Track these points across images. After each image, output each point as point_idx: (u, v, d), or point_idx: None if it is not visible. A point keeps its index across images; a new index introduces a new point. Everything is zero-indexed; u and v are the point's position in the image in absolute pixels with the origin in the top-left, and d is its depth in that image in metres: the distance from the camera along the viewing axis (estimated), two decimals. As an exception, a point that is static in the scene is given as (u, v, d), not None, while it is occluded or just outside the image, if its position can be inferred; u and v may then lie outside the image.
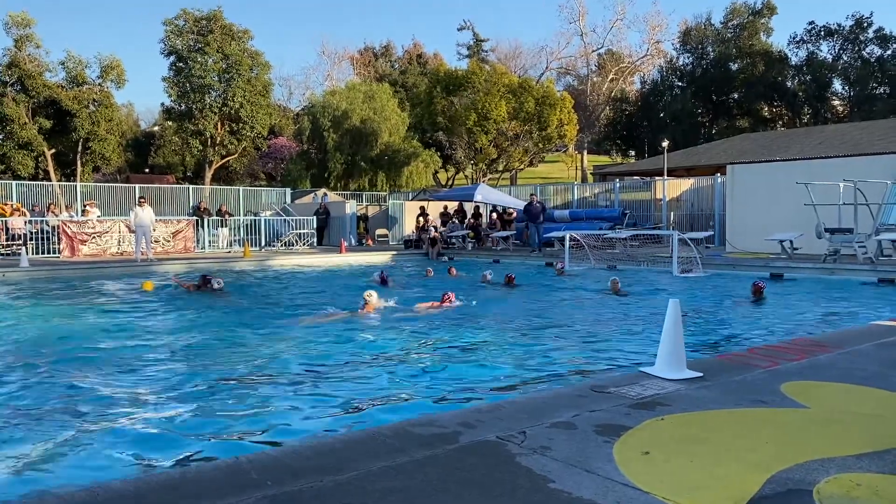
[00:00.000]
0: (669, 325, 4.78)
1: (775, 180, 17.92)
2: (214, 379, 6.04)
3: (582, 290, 13.16)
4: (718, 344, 7.67)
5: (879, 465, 3.07)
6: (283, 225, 25.03)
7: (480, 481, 2.86)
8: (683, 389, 4.37)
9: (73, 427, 4.66)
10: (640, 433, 3.52)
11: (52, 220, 20.18)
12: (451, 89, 40.70)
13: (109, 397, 5.41)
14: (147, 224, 18.57)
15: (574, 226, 21.52)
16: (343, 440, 3.49)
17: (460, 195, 27.41)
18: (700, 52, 58.28)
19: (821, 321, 9.08)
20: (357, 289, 11.84)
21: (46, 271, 15.77)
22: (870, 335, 6.39)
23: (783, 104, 56.06)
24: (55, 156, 35.48)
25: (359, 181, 41.59)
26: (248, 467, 3.02)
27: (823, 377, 4.74)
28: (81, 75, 35.05)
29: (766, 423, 3.72)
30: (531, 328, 8.78)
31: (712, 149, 37.05)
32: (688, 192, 25.41)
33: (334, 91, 44.33)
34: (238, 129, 38.04)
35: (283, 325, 9.02)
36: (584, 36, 63.87)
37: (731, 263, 15.74)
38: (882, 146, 25.53)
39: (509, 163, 43.54)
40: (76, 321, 9.57)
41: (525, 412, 3.89)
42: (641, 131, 58.20)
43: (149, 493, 2.76)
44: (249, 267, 18.37)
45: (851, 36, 52.40)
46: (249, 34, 38.27)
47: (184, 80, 36.62)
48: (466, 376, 6.12)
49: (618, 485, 2.84)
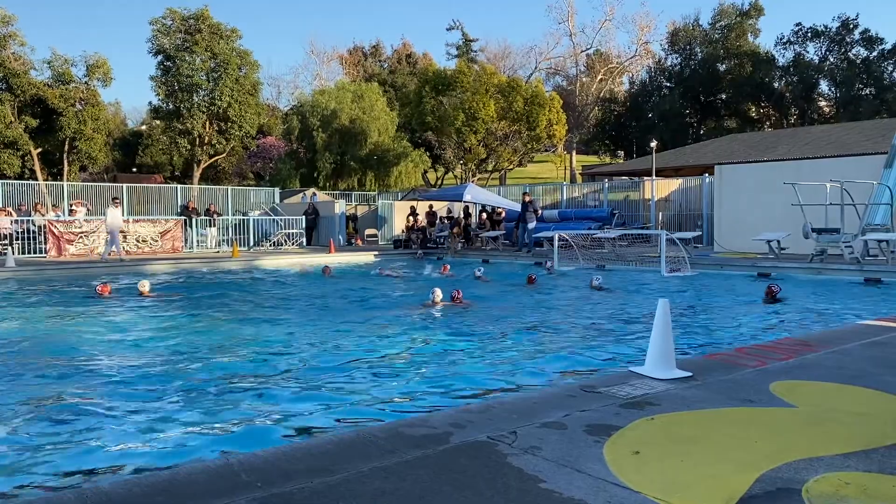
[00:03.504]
0: (659, 324, 4.79)
1: (763, 181, 18.03)
2: (202, 380, 6.01)
3: (569, 288, 13.20)
4: (707, 343, 7.70)
5: (867, 464, 3.09)
6: (271, 225, 24.95)
7: (472, 482, 2.86)
8: (673, 389, 4.39)
9: (61, 429, 4.63)
10: (630, 433, 3.53)
11: (38, 220, 20.03)
12: (440, 89, 40.71)
13: (96, 398, 5.38)
14: (118, 224, 18.63)
15: (563, 226, 21.57)
16: (334, 441, 3.48)
17: (449, 195, 27.42)
18: (688, 53, 58.56)
19: (808, 321, 9.14)
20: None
21: (32, 271, 15.65)
22: (856, 334, 6.43)
23: (770, 105, 56.43)
24: (41, 155, 35.18)
25: (348, 181, 41.54)
26: (237, 469, 3.01)
27: (811, 376, 4.78)
28: (68, 74, 34.77)
29: (754, 423, 3.74)
30: (520, 327, 8.79)
31: (700, 149, 37.22)
32: (676, 192, 25.53)
33: (323, 90, 44.24)
34: (226, 128, 37.86)
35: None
36: (573, 36, 64.17)
37: (718, 263, 15.83)
38: (868, 147, 25.73)
39: (498, 163, 43.59)
40: (61, 322, 9.50)
41: (516, 412, 3.89)
42: (630, 131, 58.41)
43: (138, 496, 2.74)
44: (237, 267, 18.31)
45: (838, 37, 52.81)
46: (238, 33, 38.11)
47: (171, 79, 36.41)
48: (456, 376, 6.12)
49: (608, 484, 2.84)
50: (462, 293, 10.60)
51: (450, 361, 6.79)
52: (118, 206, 19.09)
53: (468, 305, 10.38)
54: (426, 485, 2.83)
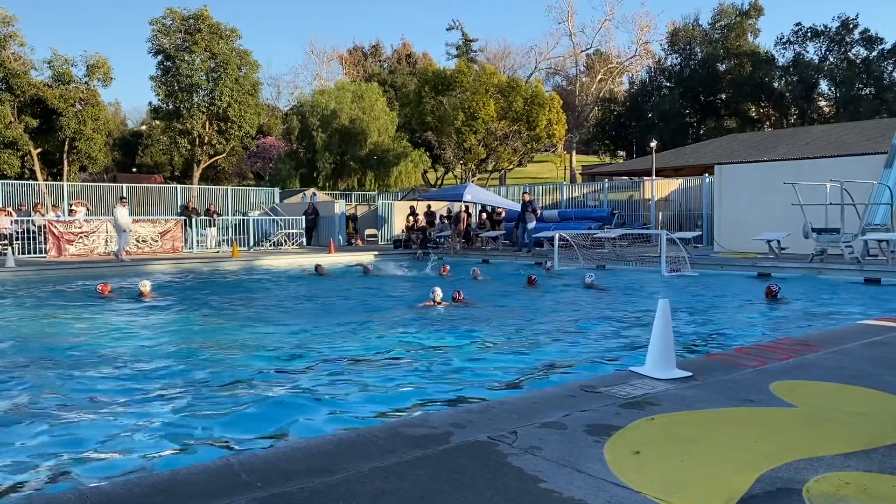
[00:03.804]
0: (659, 324, 4.79)
1: (763, 180, 18.03)
2: (202, 380, 6.01)
3: (568, 288, 13.20)
4: (707, 343, 7.70)
5: (867, 464, 3.09)
6: (271, 225, 24.94)
7: (472, 482, 2.86)
8: (673, 389, 4.39)
9: (59, 429, 4.62)
10: (630, 433, 3.53)
11: (38, 220, 20.03)
12: (439, 89, 40.71)
13: (96, 398, 5.37)
14: (126, 224, 18.63)
15: (563, 226, 21.56)
16: (334, 441, 3.48)
17: (449, 195, 27.41)
18: (688, 53, 58.58)
19: (808, 320, 9.14)
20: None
21: (33, 271, 15.65)
22: (856, 334, 6.43)
23: (770, 104, 56.45)
24: (41, 155, 35.17)
25: (348, 181, 41.52)
26: (238, 469, 3.01)
27: (811, 376, 4.78)
28: (68, 74, 34.73)
29: (755, 423, 3.74)
30: (519, 328, 8.79)
31: (700, 149, 37.22)
32: (676, 192, 25.53)
33: (323, 90, 44.22)
34: (226, 128, 37.85)
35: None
36: (573, 36, 64.13)
37: (719, 263, 15.82)
38: (868, 146, 25.73)
39: (498, 163, 43.57)
40: (62, 322, 9.50)
41: (516, 412, 3.89)
42: (630, 131, 58.42)
43: (138, 496, 2.74)
44: (237, 267, 18.30)
45: (837, 37, 52.82)
46: (237, 33, 38.10)
47: (171, 79, 36.40)
48: (456, 376, 6.12)
49: (608, 484, 2.84)
50: (463, 293, 10.60)
51: (450, 361, 6.78)
52: (125, 206, 19.13)
53: (468, 305, 10.38)
54: (426, 485, 2.83)
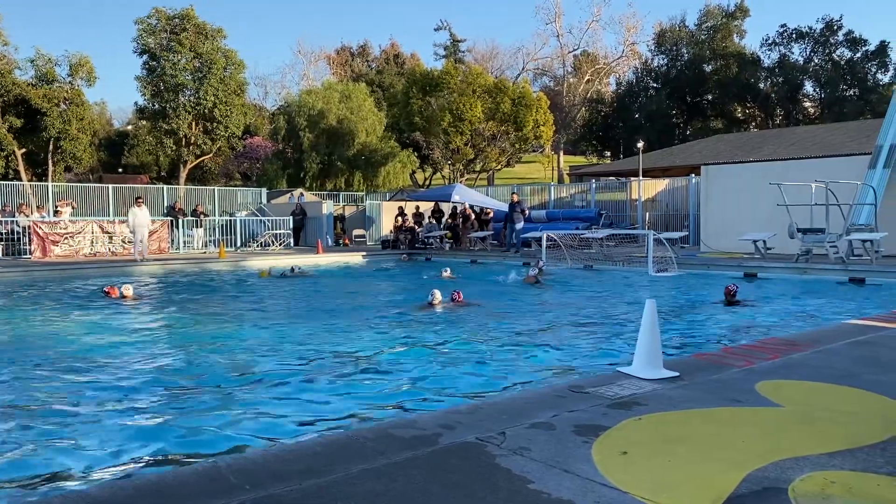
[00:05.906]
0: (646, 324, 4.82)
1: (749, 181, 18.16)
2: (190, 382, 5.98)
3: (558, 286, 13.23)
4: (694, 343, 7.75)
5: (852, 463, 3.12)
6: (258, 225, 24.86)
7: (461, 483, 2.86)
8: (660, 389, 4.41)
9: (47, 431, 4.59)
10: (617, 433, 3.55)
11: (22, 221, 19.86)
12: (427, 90, 40.71)
13: (83, 400, 5.33)
14: (145, 224, 18.67)
15: (551, 226, 21.62)
16: (323, 443, 3.47)
17: (438, 195, 27.41)
18: (674, 54, 58.90)
19: (794, 320, 9.21)
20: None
21: (18, 272, 15.51)
22: (841, 334, 6.49)
23: (756, 105, 56.86)
24: (26, 155, 34.89)
25: (335, 181, 41.43)
26: (226, 471, 3.00)
27: (797, 376, 4.81)
28: (51, 73, 34.49)
29: (741, 423, 3.77)
30: (507, 328, 8.79)
31: (687, 149, 37.43)
32: (663, 192, 25.68)
33: (310, 90, 44.11)
34: (212, 128, 37.70)
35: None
36: (561, 37, 64.40)
37: (705, 263, 15.92)
38: (853, 147, 25.96)
39: (486, 163, 43.64)
40: (48, 323, 9.42)
41: (504, 413, 3.90)
42: (617, 132, 58.65)
43: (125, 500, 2.73)
44: (226, 267, 18.23)
45: (822, 39, 53.28)
46: (223, 33, 37.96)
47: (157, 79, 36.23)
48: (444, 377, 6.12)
49: (597, 485, 2.86)
50: (462, 294, 10.59)
51: (439, 362, 6.78)
52: (142, 206, 19.11)
53: (466, 305, 10.38)
54: (416, 486, 2.83)
